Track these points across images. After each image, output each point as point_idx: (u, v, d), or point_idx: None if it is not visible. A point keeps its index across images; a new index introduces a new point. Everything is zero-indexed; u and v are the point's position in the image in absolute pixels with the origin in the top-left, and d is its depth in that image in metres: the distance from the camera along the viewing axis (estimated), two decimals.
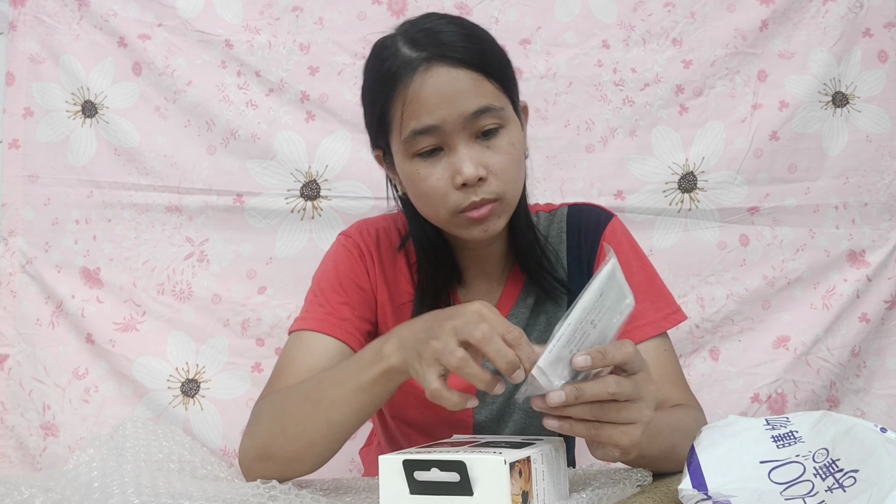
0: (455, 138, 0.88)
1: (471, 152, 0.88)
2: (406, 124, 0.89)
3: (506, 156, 0.90)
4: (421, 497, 0.62)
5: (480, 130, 0.89)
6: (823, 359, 1.56)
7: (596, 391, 0.64)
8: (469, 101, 0.87)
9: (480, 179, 0.88)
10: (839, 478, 0.60)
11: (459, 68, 0.87)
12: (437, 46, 0.88)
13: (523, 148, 0.95)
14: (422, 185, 0.90)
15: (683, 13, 1.60)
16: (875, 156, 1.60)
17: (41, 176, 1.54)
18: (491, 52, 0.92)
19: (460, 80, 0.87)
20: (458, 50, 0.88)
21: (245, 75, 1.56)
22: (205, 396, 1.54)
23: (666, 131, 1.60)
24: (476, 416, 1.03)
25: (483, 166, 0.88)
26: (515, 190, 0.93)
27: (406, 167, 0.92)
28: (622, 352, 0.65)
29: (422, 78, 0.87)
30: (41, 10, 1.54)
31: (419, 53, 0.88)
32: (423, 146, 0.89)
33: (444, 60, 0.87)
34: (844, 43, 1.60)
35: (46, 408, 1.50)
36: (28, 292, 1.52)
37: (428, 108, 0.87)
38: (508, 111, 0.92)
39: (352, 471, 1.52)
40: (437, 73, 0.87)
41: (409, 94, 0.88)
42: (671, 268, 1.56)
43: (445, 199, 0.90)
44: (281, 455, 0.85)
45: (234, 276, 1.55)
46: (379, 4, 1.58)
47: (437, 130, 0.88)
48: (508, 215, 0.94)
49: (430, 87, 0.87)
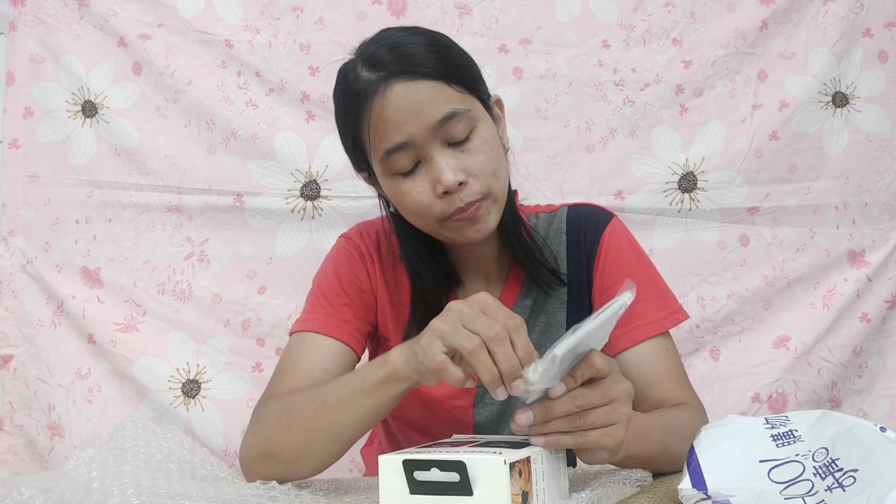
0: (428, 149, 0.88)
1: (447, 160, 0.88)
2: (378, 146, 0.90)
3: (481, 155, 0.90)
4: (421, 497, 0.62)
5: (452, 137, 0.89)
6: (824, 359, 1.56)
7: (564, 408, 0.67)
8: (432, 110, 0.88)
9: (461, 184, 0.88)
10: (839, 477, 0.60)
11: (417, 81, 0.88)
12: (393, 64, 0.88)
13: (500, 142, 0.95)
14: (405, 199, 0.91)
15: (683, 13, 1.60)
16: (875, 156, 1.60)
17: (41, 176, 1.54)
18: (448, 57, 0.92)
19: (420, 92, 0.87)
20: (413, 63, 0.88)
21: (245, 75, 1.56)
22: (205, 397, 1.54)
23: (666, 131, 1.60)
24: (476, 417, 1.03)
25: (461, 171, 0.89)
26: (500, 183, 0.93)
27: (388, 186, 0.93)
28: (590, 368, 0.68)
29: (382, 98, 0.88)
30: (41, 10, 1.54)
31: (377, 74, 0.89)
32: (399, 165, 0.90)
33: (400, 76, 0.88)
34: (845, 43, 1.59)
35: (52, 408, 1.51)
36: (29, 292, 1.52)
37: (394, 126, 0.88)
38: (476, 110, 0.92)
39: (352, 471, 1.53)
40: (396, 90, 0.87)
41: (374, 116, 0.88)
42: (671, 268, 1.56)
43: (431, 209, 0.90)
44: (284, 454, 0.85)
45: (235, 276, 1.55)
46: (379, 4, 1.58)
47: (409, 146, 0.88)
48: (499, 210, 0.94)
49: (392, 105, 0.87)
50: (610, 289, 1.01)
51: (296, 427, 0.84)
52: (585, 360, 0.68)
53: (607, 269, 1.01)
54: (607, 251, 1.02)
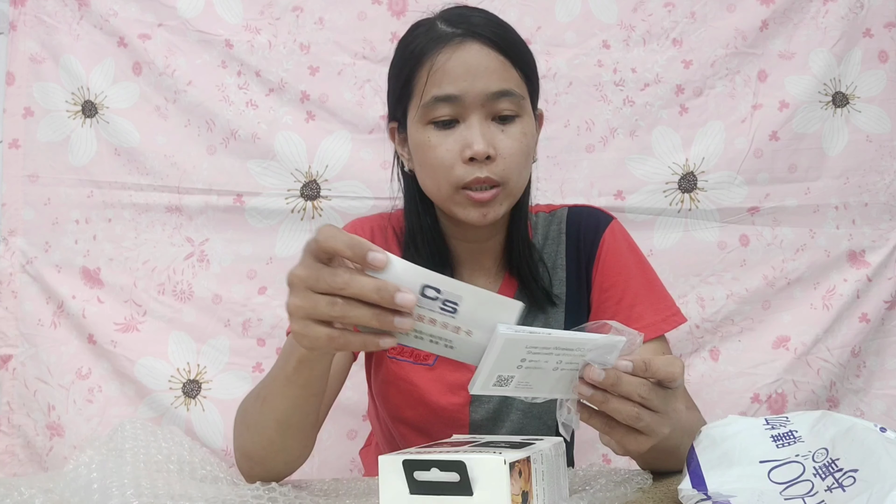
0: (472, 113, 0.91)
1: (484, 130, 0.90)
2: (428, 90, 0.91)
3: (517, 143, 0.92)
4: (421, 497, 0.62)
5: (498, 113, 0.91)
6: (823, 359, 1.56)
7: (631, 389, 0.63)
8: (493, 80, 0.90)
9: (488, 158, 0.90)
10: (839, 477, 0.60)
11: (490, 48, 0.91)
12: (472, 26, 0.92)
13: (534, 144, 0.97)
14: (431, 153, 0.92)
15: (683, 13, 1.60)
16: (875, 156, 1.60)
17: (41, 176, 1.54)
18: (522, 47, 0.96)
19: (489, 58, 0.91)
20: (492, 32, 0.92)
21: (245, 75, 1.56)
22: (206, 397, 1.54)
23: (666, 131, 1.60)
24: (472, 415, 1.03)
25: (493, 146, 0.90)
26: (520, 179, 0.94)
27: (419, 135, 0.94)
28: (667, 370, 0.64)
29: (452, 49, 0.91)
30: (41, 10, 1.54)
31: (454, 30, 0.92)
32: (440, 114, 0.91)
33: (476, 38, 0.91)
34: (845, 43, 1.59)
35: (51, 408, 1.51)
36: (29, 292, 1.52)
37: (453, 77, 0.90)
38: (527, 104, 0.94)
39: (352, 471, 1.53)
40: (469, 47, 0.91)
41: (437, 62, 0.91)
42: (671, 268, 1.56)
43: (451, 171, 0.91)
44: (254, 454, 0.87)
45: (235, 276, 1.55)
46: (379, 4, 1.58)
47: (457, 101, 0.90)
48: (510, 204, 0.95)
49: (459, 58, 0.90)
50: (608, 290, 1.01)
51: (252, 430, 0.86)
52: (669, 359, 0.65)
53: (606, 272, 1.02)
54: (606, 253, 1.02)
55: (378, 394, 1.08)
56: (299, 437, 0.86)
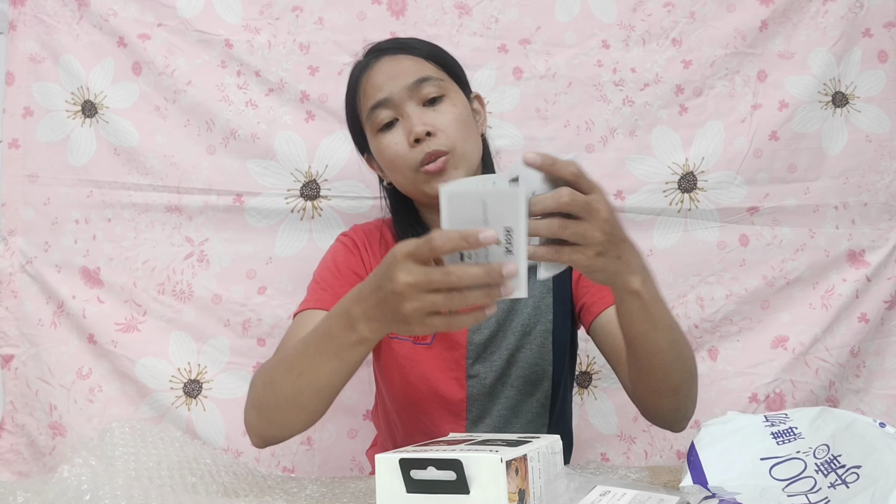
0: (404, 107, 1.08)
1: (418, 114, 1.08)
2: (365, 106, 1.12)
3: (449, 114, 1.08)
4: (417, 496, 0.62)
5: (425, 98, 1.08)
6: (822, 359, 1.56)
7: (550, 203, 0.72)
8: (410, 74, 1.09)
9: (429, 134, 1.06)
10: (841, 474, 0.60)
11: (401, 55, 1.12)
12: (381, 49, 1.14)
13: (470, 115, 1.13)
14: (387, 152, 1.10)
15: (683, 13, 1.60)
16: (875, 156, 1.60)
17: (41, 176, 1.54)
18: (434, 46, 1.16)
19: (402, 61, 1.11)
20: (403, 44, 1.15)
21: (245, 75, 1.56)
22: (207, 397, 1.54)
23: (666, 131, 1.59)
24: (469, 390, 1.11)
25: (429, 124, 1.06)
26: (466, 145, 1.08)
27: (375, 143, 1.12)
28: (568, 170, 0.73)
29: (371, 68, 1.13)
30: (41, 10, 1.54)
31: (370, 56, 1.15)
32: (381, 119, 1.10)
33: (387, 53, 1.13)
34: (844, 43, 1.59)
35: (53, 408, 1.50)
36: (29, 292, 1.52)
37: (378, 86, 1.10)
38: (449, 85, 1.12)
39: (352, 470, 1.53)
40: (384, 61, 1.12)
41: (364, 82, 1.13)
42: (671, 268, 1.56)
43: (406, 158, 1.07)
44: (276, 418, 0.91)
45: (234, 276, 1.55)
46: (379, 4, 1.58)
47: (388, 103, 1.09)
48: (466, 169, 1.08)
49: (378, 72, 1.11)
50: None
51: (282, 398, 0.89)
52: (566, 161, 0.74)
53: None
54: None
55: (383, 376, 1.20)
56: (328, 401, 0.91)
